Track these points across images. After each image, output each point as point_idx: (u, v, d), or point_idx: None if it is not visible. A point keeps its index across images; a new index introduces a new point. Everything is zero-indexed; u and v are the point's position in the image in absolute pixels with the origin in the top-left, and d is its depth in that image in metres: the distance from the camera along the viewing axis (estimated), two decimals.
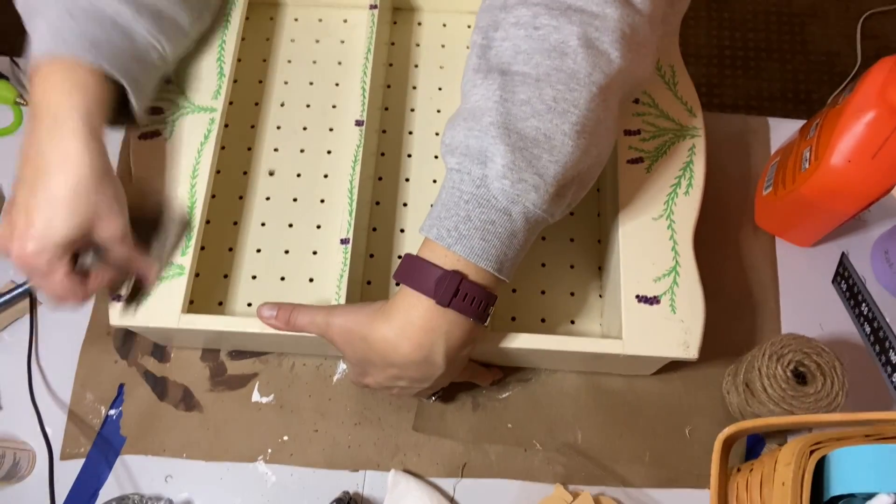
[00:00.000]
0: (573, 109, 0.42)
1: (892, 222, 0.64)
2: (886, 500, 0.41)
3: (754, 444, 0.57)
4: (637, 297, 0.51)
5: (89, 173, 0.45)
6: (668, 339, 0.50)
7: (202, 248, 0.58)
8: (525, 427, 0.57)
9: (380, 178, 0.63)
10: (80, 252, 0.48)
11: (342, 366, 0.59)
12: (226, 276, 0.59)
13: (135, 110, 0.52)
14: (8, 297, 0.61)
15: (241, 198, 0.61)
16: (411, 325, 0.43)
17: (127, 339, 0.60)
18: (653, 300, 0.51)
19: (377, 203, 0.62)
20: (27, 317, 0.61)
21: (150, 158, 0.55)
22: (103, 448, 0.57)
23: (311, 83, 0.65)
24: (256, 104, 0.64)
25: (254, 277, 0.59)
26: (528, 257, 0.60)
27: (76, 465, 0.56)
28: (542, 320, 0.58)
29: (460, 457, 0.56)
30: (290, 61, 0.66)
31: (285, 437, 0.57)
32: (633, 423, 0.57)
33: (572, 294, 0.59)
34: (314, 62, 0.66)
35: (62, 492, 0.55)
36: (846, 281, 0.61)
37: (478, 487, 0.55)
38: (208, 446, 0.56)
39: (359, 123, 0.57)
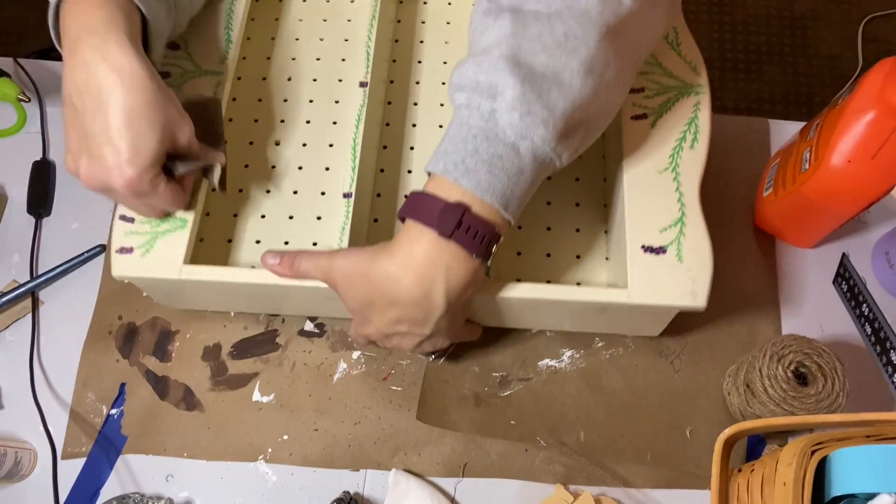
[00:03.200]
0: (582, 47, 0.42)
1: (893, 224, 0.64)
2: (888, 500, 0.41)
3: (755, 445, 0.57)
4: (643, 247, 0.50)
5: (151, 86, 0.45)
6: (675, 288, 0.49)
7: (206, 213, 0.58)
8: (527, 425, 0.57)
9: (384, 147, 0.64)
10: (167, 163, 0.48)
11: (343, 365, 0.59)
12: (230, 241, 0.59)
13: (152, 47, 0.51)
14: (10, 296, 0.61)
15: (246, 166, 0.61)
16: (413, 259, 0.43)
17: (128, 339, 0.60)
18: (659, 250, 0.50)
19: (381, 170, 0.63)
20: (29, 316, 0.61)
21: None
22: (105, 447, 0.57)
23: (318, 59, 0.66)
24: (264, 79, 0.65)
25: (258, 242, 0.59)
26: (533, 219, 0.60)
27: (77, 465, 0.56)
28: (548, 282, 0.58)
29: (461, 456, 0.56)
30: (297, 39, 0.67)
31: (286, 437, 0.57)
32: (634, 424, 0.57)
33: (578, 257, 0.59)
34: (321, 39, 0.67)
35: (63, 491, 0.55)
36: (847, 282, 0.61)
37: (478, 487, 0.55)
38: (209, 446, 0.57)
39: (363, 84, 0.58)
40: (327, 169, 0.61)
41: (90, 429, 0.57)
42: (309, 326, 0.60)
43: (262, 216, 0.60)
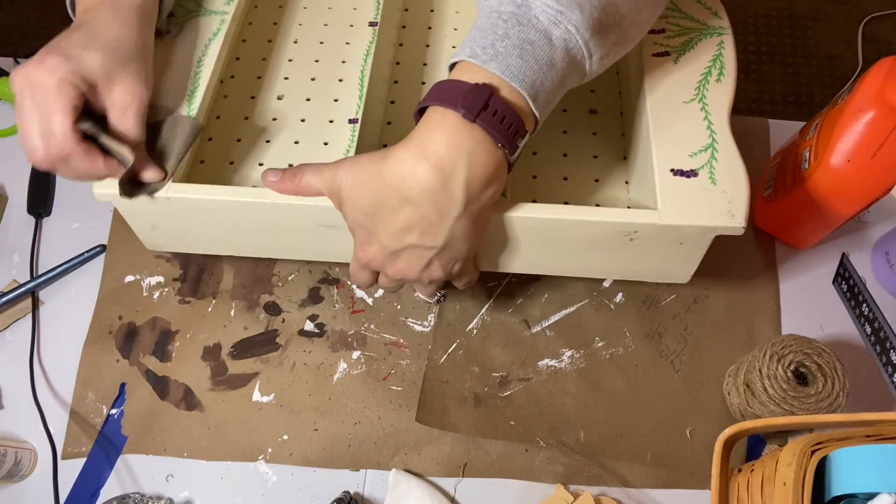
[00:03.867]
0: None
1: (892, 223, 0.64)
2: (888, 499, 0.41)
3: (755, 445, 0.57)
4: (672, 170, 0.48)
5: (135, 37, 0.46)
6: (709, 208, 0.46)
7: (209, 138, 0.58)
8: (527, 425, 0.57)
9: (395, 82, 0.63)
10: (82, 117, 0.45)
11: (343, 365, 0.59)
12: (231, 163, 0.57)
13: (163, 5, 0.52)
14: (10, 296, 0.61)
15: (246, 118, 0.60)
16: (433, 144, 0.40)
17: (128, 339, 0.60)
18: (689, 173, 0.47)
19: (392, 102, 0.62)
20: (29, 316, 0.61)
21: (156, 55, 0.53)
22: (105, 447, 0.57)
23: (325, 24, 0.65)
24: (270, 41, 0.64)
25: (260, 164, 0.57)
26: (549, 145, 0.59)
27: (77, 465, 0.56)
28: (566, 203, 0.56)
29: (461, 456, 0.56)
30: (305, 7, 0.67)
31: (286, 437, 0.57)
32: (634, 424, 0.57)
33: (596, 180, 0.58)
34: (329, 8, 0.66)
35: (63, 491, 0.55)
36: (847, 281, 0.61)
37: (478, 487, 0.55)
38: (209, 446, 0.57)
39: (372, 24, 0.59)
40: (336, 100, 0.60)
41: (90, 429, 0.57)
42: (309, 326, 0.60)
43: (267, 141, 0.58)
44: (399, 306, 0.61)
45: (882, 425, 0.46)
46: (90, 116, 0.45)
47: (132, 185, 0.47)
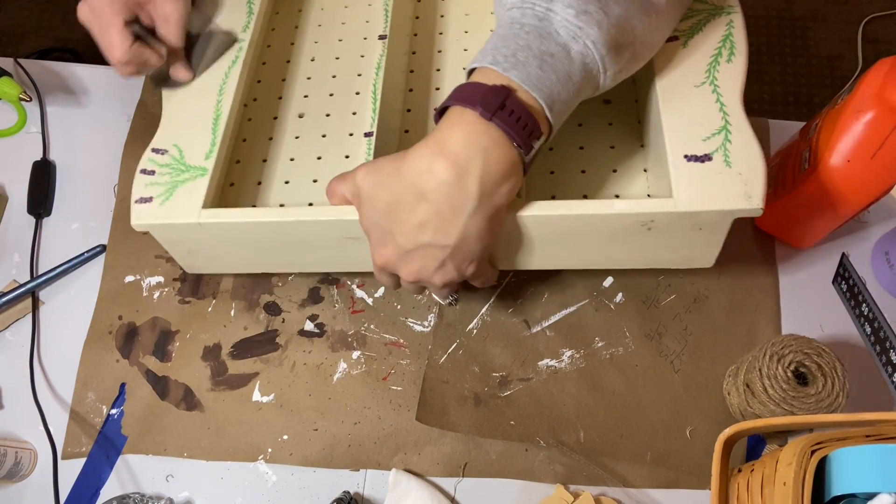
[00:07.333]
0: None
1: (892, 224, 0.64)
2: (888, 499, 0.41)
3: (755, 445, 0.57)
4: (685, 156, 0.48)
5: None
6: (725, 191, 0.46)
7: (237, 161, 0.59)
8: (527, 425, 0.57)
9: (410, 90, 0.64)
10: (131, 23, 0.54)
11: (343, 365, 0.59)
12: (259, 183, 0.59)
13: None
14: (10, 296, 0.61)
15: (275, 118, 0.62)
16: (449, 141, 0.41)
17: (128, 339, 0.60)
18: (703, 158, 0.47)
19: (408, 110, 0.63)
20: (29, 316, 0.62)
21: (180, 85, 0.57)
22: (105, 447, 0.57)
23: (340, 40, 0.66)
24: (288, 61, 0.65)
25: (286, 182, 0.59)
26: (565, 139, 0.59)
27: (77, 465, 0.56)
28: (584, 196, 0.57)
29: (461, 456, 0.56)
30: (320, 25, 0.68)
31: (286, 437, 0.57)
32: (634, 424, 0.57)
33: (615, 171, 0.58)
34: (343, 23, 0.68)
35: (63, 491, 0.55)
36: (846, 281, 0.61)
37: (479, 487, 0.55)
38: (209, 446, 0.57)
39: (382, 37, 0.60)
40: (354, 114, 0.61)
41: (90, 429, 0.57)
42: (309, 326, 0.61)
43: (291, 159, 0.59)
44: (399, 306, 0.61)
45: (882, 425, 0.46)
46: (141, 28, 0.55)
47: (163, 80, 0.58)
